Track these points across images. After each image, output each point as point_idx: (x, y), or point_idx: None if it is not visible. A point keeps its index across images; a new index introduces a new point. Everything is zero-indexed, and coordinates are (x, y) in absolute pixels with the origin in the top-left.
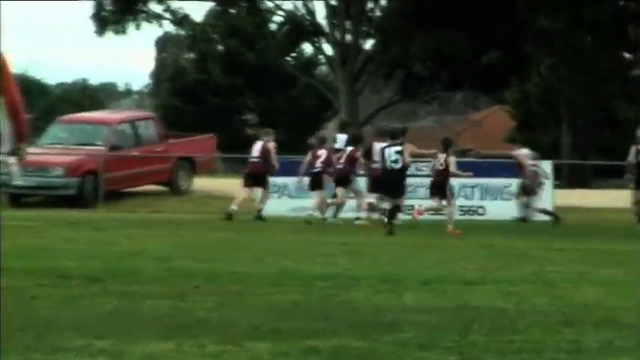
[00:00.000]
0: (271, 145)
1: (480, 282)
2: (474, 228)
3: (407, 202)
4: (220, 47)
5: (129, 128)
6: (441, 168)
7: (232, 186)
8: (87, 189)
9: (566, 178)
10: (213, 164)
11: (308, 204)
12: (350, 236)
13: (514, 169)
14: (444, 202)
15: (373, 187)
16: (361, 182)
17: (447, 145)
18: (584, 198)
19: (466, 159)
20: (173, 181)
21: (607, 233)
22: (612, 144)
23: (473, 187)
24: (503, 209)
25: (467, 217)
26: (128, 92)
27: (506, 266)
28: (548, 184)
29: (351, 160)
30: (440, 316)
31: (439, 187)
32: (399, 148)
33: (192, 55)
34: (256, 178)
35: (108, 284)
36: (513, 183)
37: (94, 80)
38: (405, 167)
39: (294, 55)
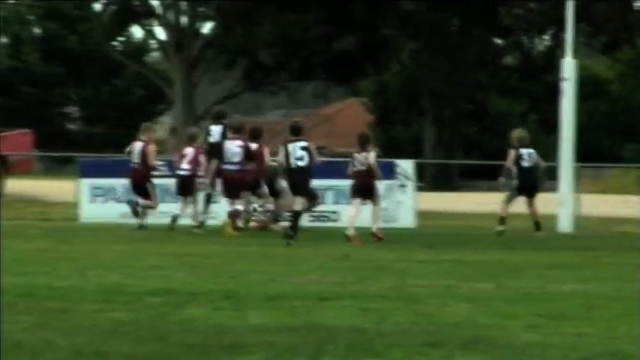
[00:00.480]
0: (151, 147)
1: (335, 297)
2: (326, 236)
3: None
4: (37, 30)
5: None
6: (364, 169)
7: (51, 188)
8: None
9: (430, 179)
10: (29, 164)
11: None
12: (190, 246)
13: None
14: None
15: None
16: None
17: (364, 142)
18: (451, 202)
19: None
20: None
21: (477, 242)
22: (480, 139)
23: (325, 189)
24: (360, 214)
25: (318, 223)
26: None
27: (363, 280)
28: (409, 185)
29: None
30: (289, 336)
31: (368, 190)
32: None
33: (4, 40)
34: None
35: None
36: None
37: None
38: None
39: (121, 39)
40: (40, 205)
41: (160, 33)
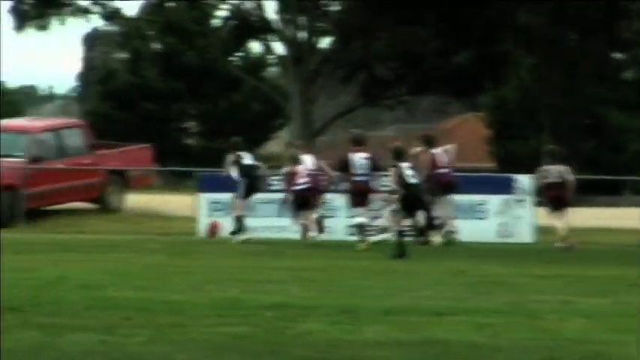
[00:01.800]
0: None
1: (451, 313)
2: (442, 252)
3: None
4: (156, 46)
5: (52, 137)
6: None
7: (170, 203)
8: (4, 206)
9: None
10: (149, 178)
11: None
12: (304, 260)
13: (490, 183)
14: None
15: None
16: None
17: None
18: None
19: None
20: (103, 197)
21: (595, 257)
22: (597, 154)
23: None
24: (478, 229)
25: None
26: (51, 96)
27: (480, 295)
28: (528, 200)
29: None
30: (404, 351)
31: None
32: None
33: (124, 55)
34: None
35: (28, 315)
36: (490, 200)
37: (12, 83)
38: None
39: (239, 54)
40: (159, 219)
41: (278, 48)
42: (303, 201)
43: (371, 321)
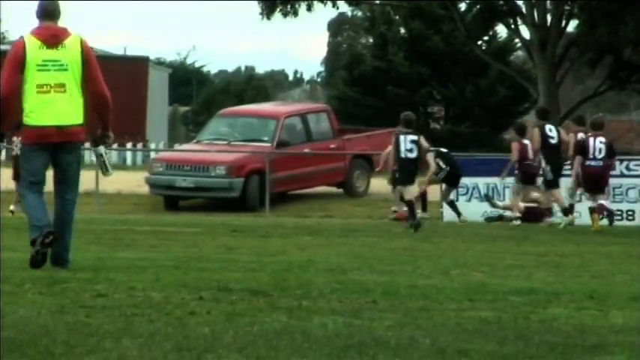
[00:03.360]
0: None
1: None
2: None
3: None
4: (403, 31)
5: (299, 122)
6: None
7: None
8: (251, 191)
9: None
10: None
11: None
12: (549, 246)
13: None
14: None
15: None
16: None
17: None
18: None
19: None
20: (349, 181)
21: None
22: None
23: None
24: None
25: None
26: (298, 82)
27: None
28: None
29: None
30: None
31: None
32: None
33: (370, 40)
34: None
35: (274, 299)
36: None
37: (260, 68)
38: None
39: (486, 39)
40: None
41: (525, 32)
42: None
43: (619, 306)
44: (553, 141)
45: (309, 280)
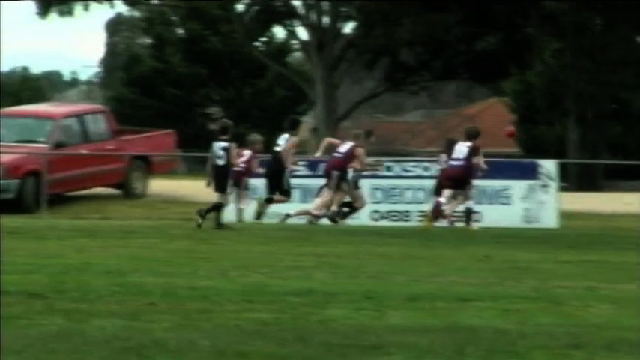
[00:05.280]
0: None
1: (476, 298)
2: (468, 236)
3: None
4: (180, 31)
5: (76, 123)
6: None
7: (193, 189)
8: (28, 192)
9: (574, 180)
10: (172, 164)
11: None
12: (329, 246)
13: (514, 169)
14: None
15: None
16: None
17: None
18: (595, 202)
19: None
20: (126, 183)
21: (620, 243)
22: (624, 140)
23: None
24: (502, 215)
25: (462, 224)
26: (75, 82)
27: (505, 280)
28: (552, 186)
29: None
30: (430, 336)
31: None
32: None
33: (148, 41)
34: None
35: (52, 301)
36: (513, 185)
37: (36, 69)
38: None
39: (264, 40)
40: (182, 205)
41: (302, 34)
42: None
43: (396, 307)
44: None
45: (87, 283)
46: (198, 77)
